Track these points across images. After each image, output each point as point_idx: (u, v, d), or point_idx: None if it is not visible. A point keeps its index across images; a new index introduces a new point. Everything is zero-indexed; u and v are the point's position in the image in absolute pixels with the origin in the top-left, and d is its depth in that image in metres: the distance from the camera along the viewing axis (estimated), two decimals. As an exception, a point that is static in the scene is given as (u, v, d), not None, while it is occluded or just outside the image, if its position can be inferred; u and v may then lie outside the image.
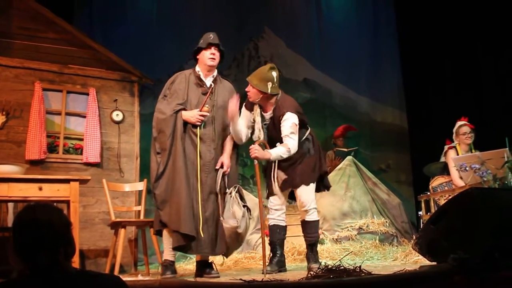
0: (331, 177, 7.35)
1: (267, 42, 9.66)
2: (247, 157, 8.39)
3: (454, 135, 6.10)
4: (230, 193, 4.29)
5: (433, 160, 6.44)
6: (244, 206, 4.28)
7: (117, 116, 6.38)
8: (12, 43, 5.92)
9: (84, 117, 6.18)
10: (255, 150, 4.19)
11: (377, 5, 10.23)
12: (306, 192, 4.47)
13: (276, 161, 4.36)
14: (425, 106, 9.01)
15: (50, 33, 6.11)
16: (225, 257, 4.68)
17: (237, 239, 4.27)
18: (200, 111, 4.25)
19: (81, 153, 6.07)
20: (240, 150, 4.69)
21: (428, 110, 8.89)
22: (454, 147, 6.04)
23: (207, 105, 4.29)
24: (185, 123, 4.24)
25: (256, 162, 4.31)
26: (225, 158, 4.36)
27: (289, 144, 4.27)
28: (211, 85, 4.41)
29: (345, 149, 8.57)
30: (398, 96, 9.92)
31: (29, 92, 5.87)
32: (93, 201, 6.01)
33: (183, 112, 4.25)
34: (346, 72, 9.77)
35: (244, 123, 4.55)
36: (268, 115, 4.54)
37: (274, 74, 4.47)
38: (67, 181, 4.69)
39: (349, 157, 7.65)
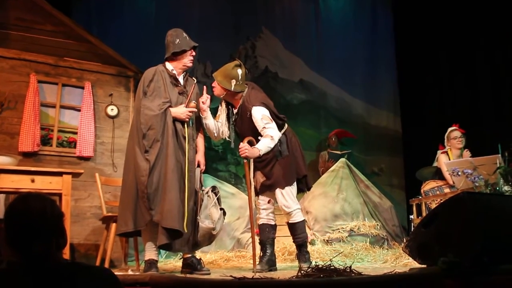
0: (323, 178, 7.40)
1: (264, 42, 9.66)
2: (239, 156, 8.41)
3: (445, 140, 6.16)
4: (207, 192, 4.34)
5: (426, 164, 6.48)
6: (221, 209, 4.39)
7: (112, 110, 6.38)
8: (9, 34, 5.91)
9: (79, 110, 6.17)
10: (245, 149, 4.19)
11: (375, 9, 10.28)
12: (283, 195, 4.44)
13: (252, 163, 4.36)
14: (420, 111, 9.04)
15: (47, 25, 6.10)
16: None
17: (209, 239, 4.35)
18: (187, 107, 4.27)
19: (75, 147, 6.07)
20: (234, 148, 4.70)
21: (422, 115, 8.92)
22: (446, 152, 6.09)
23: (193, 101, 4.31)
24: (172, 121, 4.24)
25: (246, 160, 4.31)
26: (201, 157, 4.44)
27: (269, 133, 4.28)
28: (190, 82, 4.49)
29: (339, 152, 8.60)
30: (393, 100, 9.96)
31: (24, 83, 5.86)
32: (85, 195, 6.00)
33: (171, 109, 4.24)
34: (342, 75, 9.80)
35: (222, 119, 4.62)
36: (235, 111, 4.57)
37: (240, 71, 4.46)
38: (59, 174, 4.68)
39: (342, 159, 7.68)
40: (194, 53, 4.45)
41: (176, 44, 4.38)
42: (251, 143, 4.27)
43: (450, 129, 6.21)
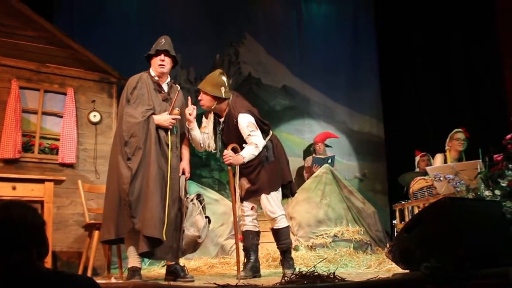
0: (307, 184, 7.41)
1: (247, 48, 9.67)
2: (223, 162, 8.38)
3: (447, 140, 6.16)
4: (192, 200, 4.33)
5: (408, 170, 6.52)
6: (206, 217, 4.39)
7: (95, 117, 6.33)
8: (-10, 40, 5.85)
9: (61, 117, 6.12)
10: (229, 157, 4.20)
11: (358, 15, 10.34)
12: (268, 201, 4.46)
13: (238, 169, 4.38)
14: (402, 116, 9.10)
15: (29, 31, 6.04)
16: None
17: (193, 247, 4.35)
18: (170, 114, 4.26)
19: (57, 153, 6.01)
20: (218, 155, 4.70)
21: (405, 120, 8.98)
22: (444, 153, 6.10)
23: (177, 108, 4.30)
24: (155, 128, 4.22)
25: (230, 167, 4.33)
26: (186, 164, 4.43)
27: (254, 140, 4.31)
28: (174, 89, 4.48)
29: (322, 156, 8.62)
30: (376, 106, 10.01)
31: (6, 90, 5.80)
32: (68, 202, 5.95)
33: (154, 116, 4.23)
34: (325, 80, 9.83)
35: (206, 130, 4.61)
36: (221, 120, 4.58)
37: (225, 78, 4.53)
38: (41, 181, 4.65)
39: (326, 165, 7.69)
40: (163, 58, 4.39)
41: (149, 52, 4.42)
42: (235, 150, 4.28)
43: (455, 130, 6.21)
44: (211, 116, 4.61)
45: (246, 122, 4.38)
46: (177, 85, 4.60)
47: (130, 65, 6.49)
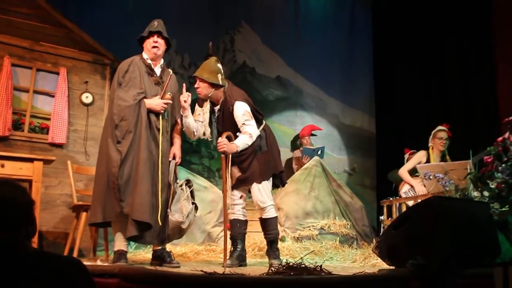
0: (296, 176, 7.42)
1: (243, 37, 9.62)
2: (214, 149, 8.37)
3: (430, 137, 6.16)
4: (181, 185, 4.32)
5: (397, 166, 6.53)
6: (193, 203, 4.38)
7: (87, 98, 6.30)
8: (-17, 16, 5.78)
9: (53, 96, 6.08)
10: (224, 145, 4.19)
11: (355, 10, 10.32)
12: (259, 190, 4.46)
13: (230, 158, 4.38)
14: (394, 113, 9.12)
15: (24, 8, 5.97)
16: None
17: (179, 233, 4.35)
18: (162, 98, 4.23)
19: (47, 133, 5.97)
20: (208, 142, 4.69)
21: (396, 117, 9.00)
22: (428, 150, 6.12)
23: (169, 93, 4.28)
24: (146, 112, 4.19)
25: (223, 155, 4.32)
26: (177, 150, 4.42)
27: (248, 130, 4.32)
28: (166, 73, 4.45)
29: (312, 147, 8.61)
30: (369, 101, 10.02)
31: (-2, 66, 5.74)
32: (56, 182, 5.92)
33: (145, 100, 4.20)
34: (319, 73, 9.82)
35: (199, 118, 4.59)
36: (217, 108, 4.57)
37: (220, 66, 4.54)
38: (30, 160, 4.63)
39: (316, 158, 7.70)
40: (156, 39, 4.37)
41: (143, 33, 4.39)
42: (229, 138, 4.27)
43: (438, 127, 6.18)
44: (207, 104, 4.59)
45: (242, 110, 4.37)
46: (169, 69, 4.57)
47: (124, 48, 6.44)
